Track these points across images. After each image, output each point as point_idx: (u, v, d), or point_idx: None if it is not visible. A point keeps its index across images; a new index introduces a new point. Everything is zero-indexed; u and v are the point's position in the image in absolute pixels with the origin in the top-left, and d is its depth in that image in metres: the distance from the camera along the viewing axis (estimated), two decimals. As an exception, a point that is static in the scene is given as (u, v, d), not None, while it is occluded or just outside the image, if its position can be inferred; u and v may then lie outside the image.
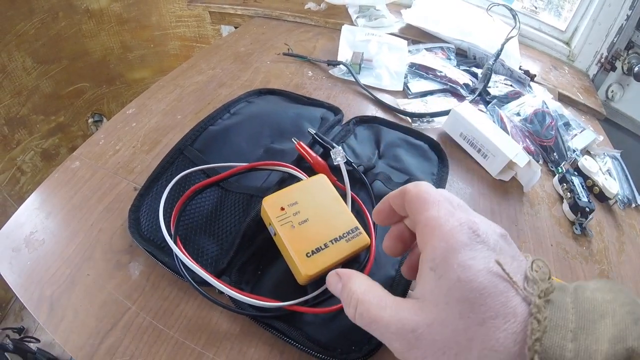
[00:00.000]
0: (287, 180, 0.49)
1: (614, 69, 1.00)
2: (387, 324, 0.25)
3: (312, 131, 0.56)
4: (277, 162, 0.50)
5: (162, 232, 0.41)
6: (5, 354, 1.22)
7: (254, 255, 0.42)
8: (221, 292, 0.39)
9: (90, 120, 1.61)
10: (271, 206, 0.39)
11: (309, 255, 0.36)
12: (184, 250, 0.40)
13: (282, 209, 0.39)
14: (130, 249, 0.45)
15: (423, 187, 0.29)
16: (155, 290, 0.41)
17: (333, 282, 0.31)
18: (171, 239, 0.41)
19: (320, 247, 0.37)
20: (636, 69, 0.93)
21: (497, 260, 0.23)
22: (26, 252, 0.45)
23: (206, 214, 0.46)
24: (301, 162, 0.52)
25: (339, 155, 0.50)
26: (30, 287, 0.42)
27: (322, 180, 0.43)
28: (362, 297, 0.27)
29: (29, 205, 0.50)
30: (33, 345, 1.35)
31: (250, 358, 0.37)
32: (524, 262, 0.24)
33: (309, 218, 0.39)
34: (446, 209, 0.27)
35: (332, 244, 0.38)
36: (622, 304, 0.19)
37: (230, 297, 0.38)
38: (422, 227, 0.28)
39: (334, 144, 0.53)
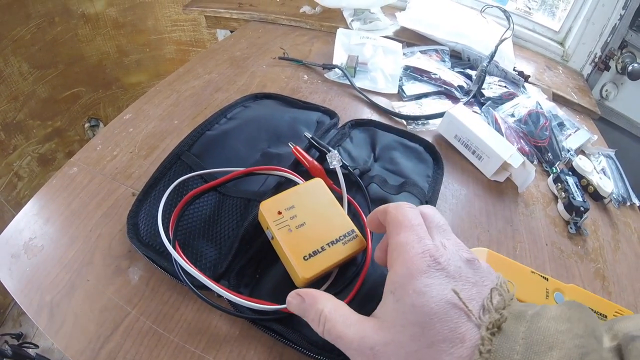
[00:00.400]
0: (284, 184, 0.50)
1: (607, 68, 1.01)
2: (350, 341, 0.27)
3: (308, 135, 0.56)
4: (274, 166, 0.51)
5: (160, 237, 0.42)
6: (4, 359, 1.22)
7: (252, 259, 0.43)
8: (220, 296, 0.39)
9: (86, 125, 1.61)
10: (268, 210, 0.39)
11: (306, 258, 0.37)
12: (182, 255, 0.41)
13: (279, 213, 0.39)
14: (129, 254, 0.45)
15: (401, 210, 0.31)
16: (154, 294, 0.42)
17: (294, 302, 0.33)
18: (170, 244, 0.41)
19: (317, 250, 0.37)
20: (630, 68, 0.94)
21: (453, 289, 0.25)
22: (25, 258, 0.45)
23: (204, 218, 0.47)
24: (298, 166, 0.53)
25: (334, 159, 0.50)
26: (30, 293, 0.42)
27: (318, 184, 0.43)
28: (329, 315, 0.29)
29: (27, 212, 0.50)
30: (32, 351, 1.35)
31: (249, 360, 0.38)
32: (487, 289, 0.25)
33: (306, 221, 0.39)
34: (416, 235, 0.29)
35: (329, 247, 0.38)
36: (575, 336, 0.20)
37: (229, 301, 0.39)
38: (391, 250, 0.30)
39: (330, 148, 0.54)
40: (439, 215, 0.32)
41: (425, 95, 0.79)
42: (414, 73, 0.82)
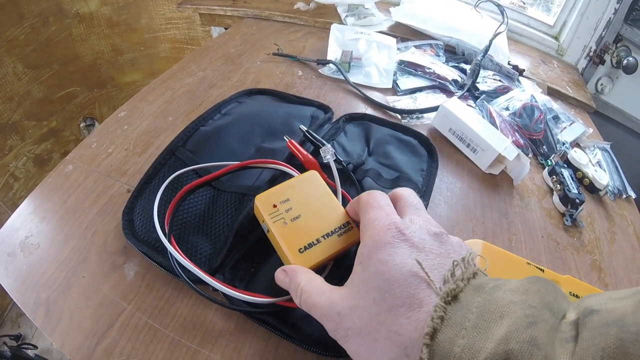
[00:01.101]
0: (279, 178, 0.50)
1: (602, 62, 1.01)
2: (321, 308, 0.29)
3: (304, 128, 0.56)
4: (268, 160, 0.51)
5: (156, 232, 0.42)
6: (3, 360, 1.22)
7: (247, 253, 0.43)
8: (215, 290, 0.39)
9: (82, 125, 1.60)
10: (264, 204, 0.39)
11: (301, 250, 0.37)
12: (178, 249, 0.41)
13: (275, 206, 0.39)
14: (125, 250, 0.45)
15: (372, 195, 0.34)
16: (150, 290, 0.42)
17: (281, 277, 0.35)
18: (165, 238, 0.41)
19: (313, 242, 0.37)
20: (625, 61, 0.94)
21: (416, 258, 0.26)
22: (21, 256, 0.45)
23: (199, 213, 0.47)
24: (292, 160, 0.53)
25: (328, 153, 0.50)
26: (27, 291, 0.42)
27: (313, 177, 0.43)
28: (305, 287, 0.31)
29: (23, 210, 0.50)
30: (31, 352, 1.35)
31: (245, 354, 0.38)
32: (451, 260, 0.26)
33: (301, 214, 0.39)
34: (384, 212, 0.31)
35: (324, 239, 0.38)
36: (527, 307, 0.20)
37: (224, 294, 0.39)
38: (361, 227, 0.32)
39: (324, 142, 0.54)
40: (415, 195, 0.34)
41: (420, 89, 0.79)
42: (409, 67, 0.82)
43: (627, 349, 0.16)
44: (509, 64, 0.90)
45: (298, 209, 0.39)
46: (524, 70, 0.91)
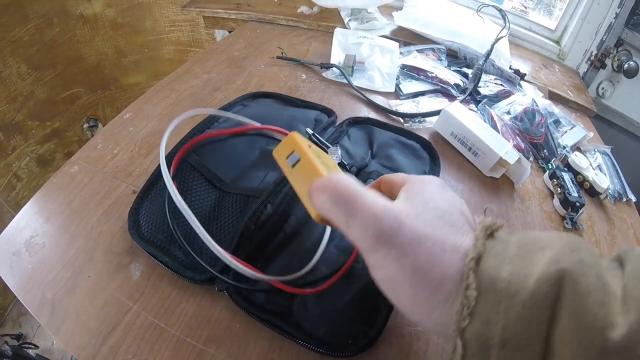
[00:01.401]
0: (284, 181, 0.50)
1: (604, 66, 1.02)
2: (369, 204, 0.24)
3: (310, 131, 0.57)
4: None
5: (162, 233, 0.42)
6: (4, 360, 1.22)
7: (251, 254, 0.43)
8: (221, 290, 0.40)
9: (85, 126, 1.61)
10: (301, 138, 0.34)
11: None
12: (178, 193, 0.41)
13: (310, 146, 0.34)
14: (131, 250, 0.46)
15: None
16: (155, 290, 0.42)
17: (322, 184, 0.27)
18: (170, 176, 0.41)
19: None
20: (626, 65, 0.94)
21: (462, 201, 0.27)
22: (27, 256, 0.46)
23: (205, 214, 0.47)
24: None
25: (334, 155, 0.51)
26: (32, 290, 0.43)
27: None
28: (344, 179, 0.26)
29: (28, 210, 0.51)
30: (32, 352, 1.35)
31: (250, 353, 0.38)
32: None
33: (330, 165, 0.36)
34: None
35: None
36: (565, 241, 0.20)
37: (231, 297, 0.39)
38: (408, 179, 0.29)
39: (329, 145, 0.54)
40: None
41: (422, 93, 0.79)
42: (411, 72, 0.83)
43: None
44: (510, 68, 0.91)
45: (326, 161, 0.35)
46: (525, 74, 0.91)
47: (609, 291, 0.18)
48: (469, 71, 0.85)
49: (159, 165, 0.52)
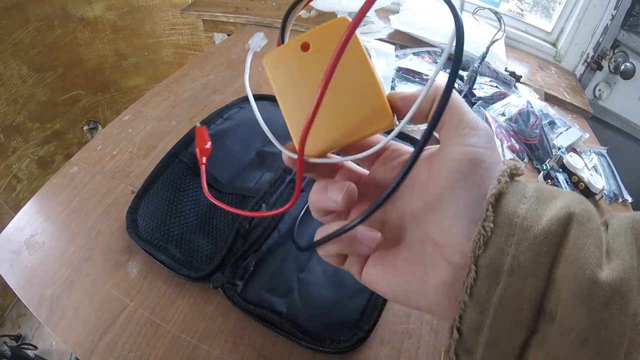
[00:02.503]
0: (278, 180, 0.51)
1: (600, 68, 1.02)
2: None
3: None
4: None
5: (158, 232, 0.43)
6: (4, 360, 1.23)
7: (246, 252, 0.44)
8: (216, 287, 0.41)
9: (85, 128, 1.62)
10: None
11: None
12: None
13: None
14: (129, 249, 0.46)
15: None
16: (152, 287, 0.43)
17: None
18: None
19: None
20: (623, 67, 0.95)
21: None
22: (26, 254, 0.47)
23: (201, 214, 0.48)
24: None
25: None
26: (31, 288, 0.43)
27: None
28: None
29: (28, 210, 0.52)
30: (31, 352, 1.35)
31: (244, 349, 0.39)
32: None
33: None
34: None
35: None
36: (574, 194, 0.23)
37: (226, 294, 0.40)
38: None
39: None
40: None
41: (418, 95, 0.80)
42: (407, 74, 0.84)
43: None
44: (506, 70, 0.91)
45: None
46: (521, 76, 0.92)
47: (603, 242, 0.20)
48: (465, 73, 0.86)
49: (157, 166, 0.53)
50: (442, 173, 0.23)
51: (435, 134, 0.24)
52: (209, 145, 0.52)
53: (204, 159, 0.50)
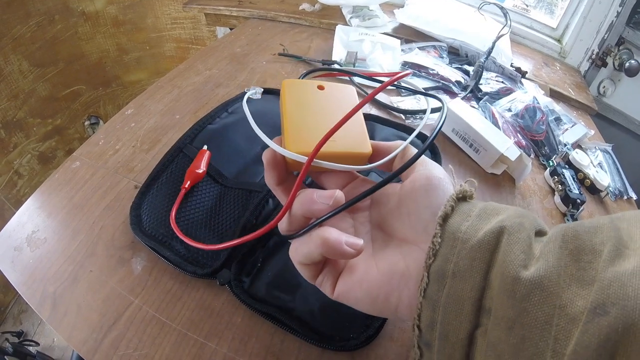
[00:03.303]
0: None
1: (605, 64, 1.01)
2: None
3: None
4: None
5: (163, 227, 0.42)
6: (5, 357, 1.22)
7: (253, 249, 0.43)
8: (223, 284, 0.40)
9: (86, 123, 1.61)
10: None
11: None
12: None
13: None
14: (132, 244, 0.46)
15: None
16: (157, 284, 0.42)
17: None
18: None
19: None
20: (627, 64, 0.94)
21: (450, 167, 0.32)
22: (28, 250, 0.46)
23: (206, 209, 0.47)
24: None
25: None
26: (33, 285, 0.43)
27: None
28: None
29: (30, 205, 0.51)
30: (32, 349, 1.35)
31: (252, 347, 0.38)
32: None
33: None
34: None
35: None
36: (518, 212, 0.26)
37: (233, 291, 0.39)
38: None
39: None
40: None
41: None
42: (412, 69, 0.83)
43: (580, 236, 0.23)
44: (511, 66, 0.91)
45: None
46: (526, 72, 0.91)
47: (530, 249, 0.24)
48: (470, 68, 0.85)
49: (161, 160, 0.53)
50: (410, 192, 0.30)
51: None
52: (201, 171, 0.50)
53: (187, 183, 0.48)
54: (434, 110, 0.70)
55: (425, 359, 0.27)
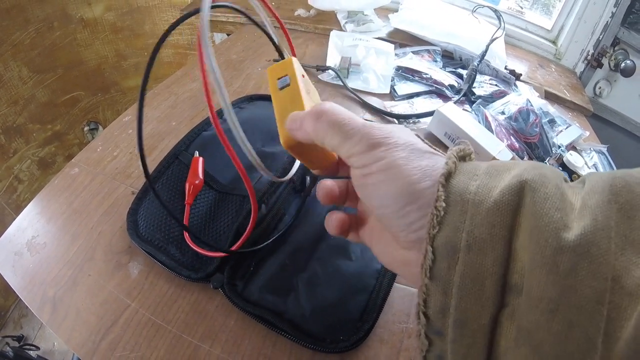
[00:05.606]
0: (277, 182, 0.51)
1: (600, 65, 1.02)
2: (362, 125, 0.26)
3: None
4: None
5: (159, 232, 0.43)
6: (6, 361, 1.23)
7: (246, 253, 0.44)
8: (216, 287, 0.41)
9: (86, 129, 1.62)
10: (298, 65, 0.35)
11: None
12: None
13: (303, 75, 0.35)
14: (130, 249, 0.47)
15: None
16: (153, 287, 0.43)
17: (299, 116, 0.29)
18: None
19: None
20: (623, 64, 0.95)
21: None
22: (28, 255, 0.47)
23: (202, 214, 0.48)
24: (294, 161, 0.54)
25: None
26: (33, 289, 0.44)
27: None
28: (338, 107, 0.28)
29: (30, 211, 0.52)
30: (33, 353, 1.36)
31: (244, 349, 0.39)
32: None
33: (315, 102, 0.35)
34: None
35: None
36: (530, 163, 0.22)
37: (226, 294, 0.40)
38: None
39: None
40: None
41: (417, 94, 0.80)
42: (406, 73, 0.84)
43: (632, 188, 0.18)
44: (506, 68, 0.91)
45: (314, 97, 0.36)
46: (520, 74, 0.92)
47: (567, 199, 0.19)
48: (464, 72, 0.86)
49: (157, 167, 0.54)
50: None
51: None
52: (198, 181, 0.51)
53: (191, 197, 0.49)
54: (426, 115, 0.71)
55: (435, 350, 0.22)
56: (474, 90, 0.81)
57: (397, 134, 0.25)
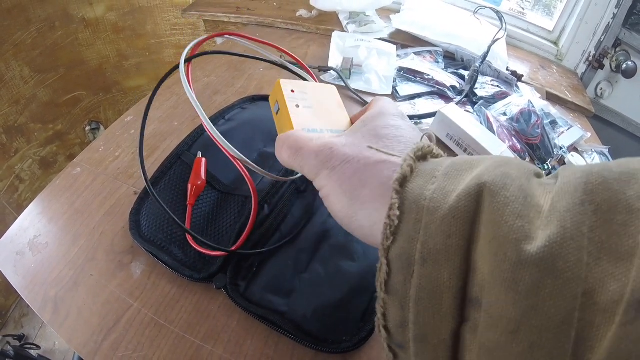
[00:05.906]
0: (280, 182, 0.51)
1: (602, 67, 1.02)
2: (311, 146, 0.29)
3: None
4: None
5: (162, 232, 0.43)
6: (7, 360, 1.23)
7: (248, 254, 0.44)
8: (219, 288, 0.41)
9: (87, 128, 1.62)
10: (285, 85, 0.38)
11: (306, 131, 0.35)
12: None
13: (292, 91, 0.38)
14: (132, 249, 0.47)
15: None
16: (156, 288, 0.43)
17: (282, 138, 0.32)
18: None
19: (317, 129, 0.36)
20: (624, 66, 0.95)
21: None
22: (30, 255, 0.47)
23: (204, 215, 0.48)
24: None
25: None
26: (35, 289, 0.44)
27: (332, 89, 0.42)
28: (295, 133, 0.31)
29: (32, 211, 0.52)
30: (34, 352, 1.36)
31: (247, 349, 0.39)
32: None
33: (314, 107, 0.38)
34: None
35: (329, 132, 0.36)
36: (495, 158, 0.21)
37: (229, 294, 0.40)
38: (370, 104, 0.34)
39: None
40: None
41: (419, 95, 0.80)
42: (408, 74, 0.84)
43: (610, 185, 0.16)
44: (507, 69, 0.91)
45: (312, 102, 0.38)
46: (522, 75, 0.92)
47: (531, 203, 0.17)
48: (466, 73, 0.86)
49: (160, 167, 0.54)
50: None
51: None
52: (200, 182, 0.51)
53: (193, 198, 0.49)
54: (428, 116, 0.71)
55: None
56: (475, 91, 0.81)
57: (340, 150, 0.27)
